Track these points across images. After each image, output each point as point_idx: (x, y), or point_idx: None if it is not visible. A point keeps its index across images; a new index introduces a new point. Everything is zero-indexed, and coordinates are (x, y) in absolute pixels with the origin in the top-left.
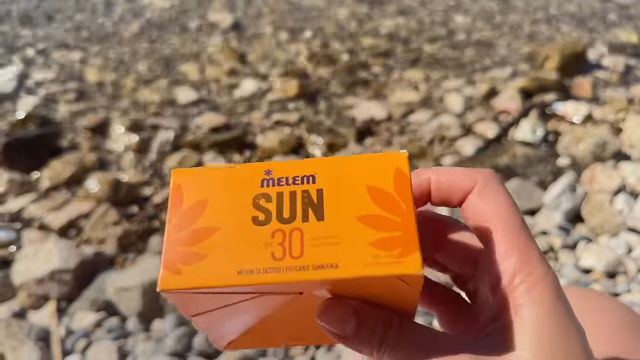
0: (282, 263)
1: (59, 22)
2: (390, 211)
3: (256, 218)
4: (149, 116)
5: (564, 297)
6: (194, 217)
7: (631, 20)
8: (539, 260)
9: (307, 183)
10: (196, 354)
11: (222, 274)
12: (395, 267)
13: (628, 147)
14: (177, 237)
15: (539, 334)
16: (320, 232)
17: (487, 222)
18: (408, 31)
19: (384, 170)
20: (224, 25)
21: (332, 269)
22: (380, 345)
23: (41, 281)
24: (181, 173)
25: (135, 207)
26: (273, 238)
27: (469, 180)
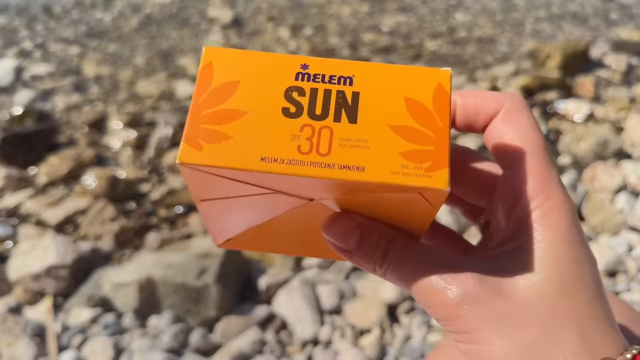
0: (307, 157)
1: (58, 16)
2: (426, 125)
3: (287, 109)
4: (147, 110)
5: (579, 225)
6: (223, 97)
7: (633, 19)
8: (557, 186)
9: (344, 84)
10: (192, 350)
11: (244, 158)
12: (422, 179)
13: (629, 146)
14: (202, 114)
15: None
16: (351, 133)
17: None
18: (409, 28)
19: (425, 83)
20: (224, 21)
21: (358, 172)
22: (383, 260)
23: (37, 277)
24: (214, 51)
25: (132, 203)
26: (301, 132)
27: (495, 103)
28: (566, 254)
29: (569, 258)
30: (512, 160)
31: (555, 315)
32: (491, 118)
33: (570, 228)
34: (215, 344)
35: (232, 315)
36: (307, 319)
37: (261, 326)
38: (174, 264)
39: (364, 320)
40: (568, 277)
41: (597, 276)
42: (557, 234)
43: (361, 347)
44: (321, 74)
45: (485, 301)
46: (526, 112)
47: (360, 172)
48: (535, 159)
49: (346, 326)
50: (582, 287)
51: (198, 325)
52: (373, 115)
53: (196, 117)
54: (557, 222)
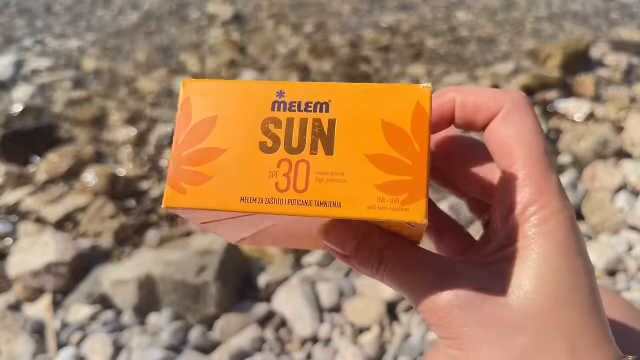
0: (285, 195)
1: (58, 13)
2: (403, 152)
3: (264, 144)
4: (147, 106)
5: (578, 233)
6: (202, 135)
7: (634, 18)
8: (555, 192)
9: (320, 111)
10: (192, 347)
11: (225, 199)
12: (398, 213)
13: (629, 145)
14: (183, 155)
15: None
16: (327, 166)
17: (508, 149)
18: (410, 26)
19: (403, 104)
20: (224, 17)
21: (334, 208)
22: (379, 265)
23: (37, 274)
24: (191, 85)
25: (132, 200)
26: (279, 168)
27: (496, 102)
28: (562, 265)
29: (565, 269)
30: (510, 163)
31: (546, 326)
32: (491, 117)
33: (568, 237)
34: (214, 342)
35: (232, 313)
36: (307, 317)
37: (260, 324)
38: (174, 262)
39: (364, 318)
40: (563, 289)
41: (593, 287)
42: (554, 243)
43: (360, 345)
44: (297, 101)
45: (475, 308)
46: (527, 112)
47: (336, 208)
48: (535, 163)
49: (345, 324)
50: (576, 298)
51: (197, 323)
52: (350, 144)
53: (178, 158)
54: (554, 230)
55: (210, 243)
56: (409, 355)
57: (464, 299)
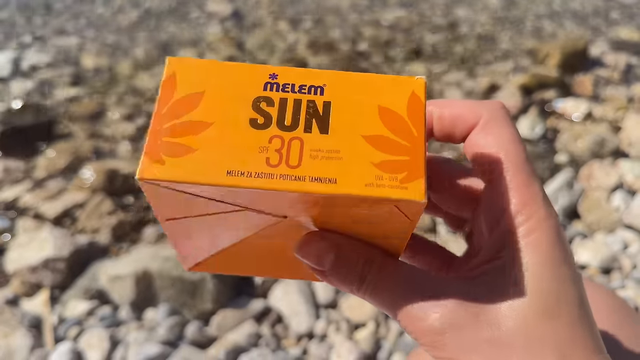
0: (276, 170)
1: (58, 11)
2: (400, 135)
3: (254, 120)
4: (146, 103)
5: (564, 242)
6: (186, 108)
7: (633, 19)
8: (540, 202)
9: (315, 94)
10: (188, 343)
11: (209, 172)
12: (398, 191)
13: (627, 145)
14: (165, 127)
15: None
16: (322, 144)
17: (488, 160)
18: (409, 23)
19: (398, 92)
20: (223, 14)
21: (330, 184)
22: (361, 284)
23: (35, 269)
24: (177, 61)
25: (130, 197)
26: (270, 143)
27: (473, 114)
28: (548, 275)
29: (551, 279)
30: (492, 174)
31: (536, 341)
32: (470, 129)
33: (554, 247)
34: (210, 337)
35: (228, 309)
36: (303, 313)
37: (257, 320)
38: (171, 257)
39: (359, 314)
40: (550, 301)
41: (581, 296)
42: (540, 254)
43: (356, 340)
44: (291, 83)
45: (467, 328)
46: (505, 122)
47: (332, 184)
48: (517, 172)
49: (341, 320)
50: (565, 310)
51: (194, 318)
52: (345, 125)
53: (158, 130)
54: (540, 241)
55: None
56: (404, 351)
57: (457, 320)
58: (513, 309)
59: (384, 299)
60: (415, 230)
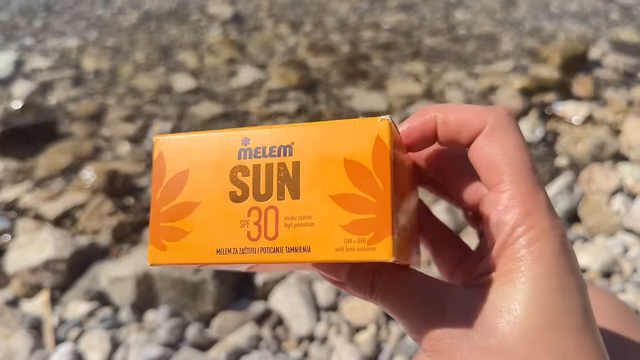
0: (257, 244)
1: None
2: (366, 190)
3: (234, 194)
4: (145, 103)
5: (569, 251)
6: (176, 190)
7: (633, 20)
8: (544, 210)
9: (284, 155)
10: (189, 345)
11: (202, 252)
12: (366, 253)
13: (627, 148)
14: (161, 212)
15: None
16: (295, 211)
17: (493, 167)
18: (409, 25)
19: (363, 138)
20: (224, 17)
21: (305, 253)
22: (372, 292)
23: (35, 270)
24: (162, 141)
25: (130, 198)
26: (249, 217)
27: (479, 120)
28: (553, 285)
29: (556, 289)
30: (496, 182)
31: (537, 351)
32: (475, 135)
33: (558, 256)
34: (211, 339)
35: (229, 311)
36: (304, 315)
37: (257, 322)
38: None
39: (360, 316)
40: (554, 311)
41: (586, 306)
42: (543, 265)
43: (357, 343)
44: (262, 146)
45: (467, 336)
46: (511, 128)
47: (307, 253)
48: (522, 181)
49: (342, 323)
50: (569, 320)
51: (195, 320)
52: (314, 187)
53: (157, 215)
54: (544, 251)
55: None
56: (405, 354)
57: (456, 327)
58: (515, 319)
59: (392, 306)
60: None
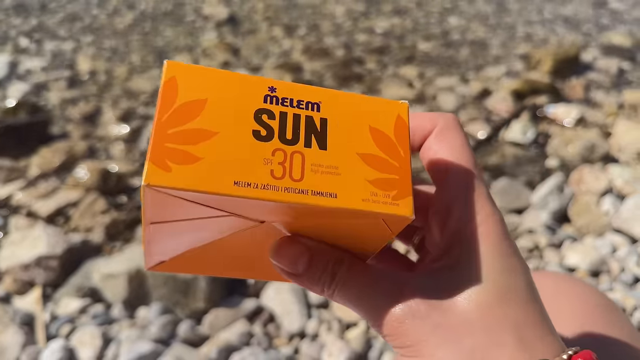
0: (281, 182)
1: (53, 12)
2: (390, 154)
3: (257, 132)
4: (140, 105)
5: (509, 236)
6: (190, 115)
7: (624, 24)
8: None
9: (312, 110)
10: (180, 341)
11: (217, 181)
12: (391, 207)
13: (616, 150)
14: (168, 133)
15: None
16: (322, 159)
17: (441, 165)
18: (403, 30)
19: (386, 114)
20: (219, 18)
21: (331, 198)
22: (331, 282)
23: (27, 267)
24: (177, 66)
25: (124, 196)
26: (273, 156)
27: (430, 123)
28: (497, 265)
29: (501, 268)
30: (444, 176)
31: (492, 324)
32: (426, 137)
33: (501, 239)
34: (203, 336)
35: (221, 308)
36: (295, 312)
37: (249, 319)
38: None
39: (351, 314)
40: (502, 287)
41: (530, 283)
42: (489, 245)
43: (347, 340)
44: (289, 97)
45: (425, 315)
46: (457, 130)
47: (333, 198)
48: (466, 174)
49: (333, 320)
50: (516, 295)
51: (186, 317)
52: (341, 143)
53: (162, 135)
54: (488, 233)
55: None
56: (394, 350)
57: (415, 309)
58: (468, 297)
59: (351, 295)
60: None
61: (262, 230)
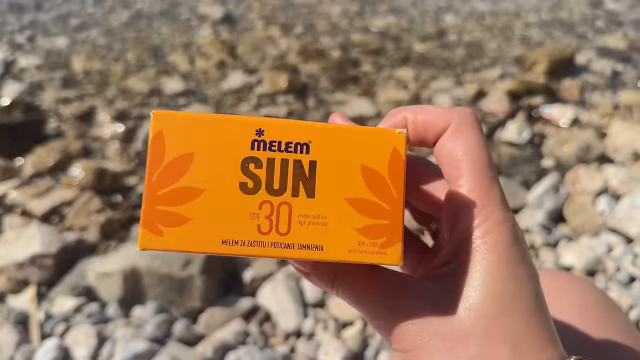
0: (267, 238)
1: (48, 10)
2: (381, 197)
3: (244, 185)
4: (135, 105)
5: (520, 242)
6: (177, 173)
7: (619, 27)
8: (498, 205)
9: (301, 152)
10: (176, 340)
11: (206, 241)
12: (377, 256)
13: (612, 151)
14: (158, 194)
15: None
16: (309, 209)
17: (455, 164)
18: (399, 30)
19: (380, 148)
20: (215, 17)
21: (317, 251)
22: (334, 282)
23: (22, 265)
24: (163, 117)
25: (119, 196)
26: (260, 210)
27: (444, 119)
28: (504, 274)
29: (507, 277)
30: (457, 177)
31: (491, 335)
32: (440, 134)
33: (510, 247)
34: (198, 335)
35: (216, 307)
36: (291, 312)
37: (245, 318)
38: (159, 255)
39: (347, 313)
40: (505, 297)
41: (537, 293)
42: (496, 254)
43: (343, 339)
44: (277, 140)
45: (427, 322)
46: (474, 128)
47: (319, 251)
48: (479, 176)
49: (329, 319)
50: (519, 305)
51: (182, 316)
52: (330, 188)
53: (152, 198)
54: (496, 241)
55: None
56: (390, 349)
57: (417, 314)
58: (470, 305)
59: (353, 296)
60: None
61: None
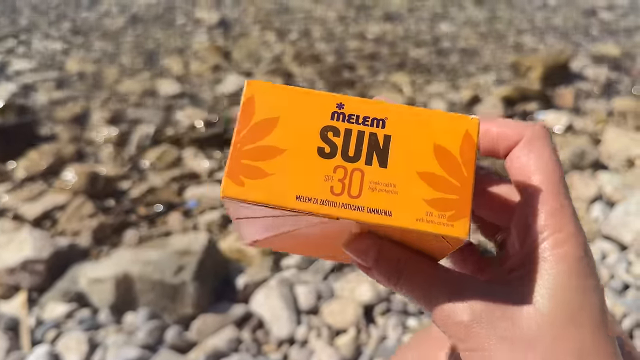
0: (339, 198)
1: (43, 13)
2: (451, 173)
3: (322, 149)
4: (129, 107)
5: (589, 256)
6: (263, 133)
7: (613, 35)
8: (570, 219)
9: (377, 126)
10: (168, 347)
11: (282, 195)
12: (444, 228)
13: (606, 157)
14: (244, 150)
15: (557, 288)
16: (380, 177)
17: (527, 176)
18: (394, 36)
19: (453, 131)
20: (210, 22)
21: (385, 216)
22: (398, 279)
23: (12, 270)
24: (255, 85)
25: (112, 200)
26: (335, 173)
27: (517, 132)
28: (572, 284)
29: (575, 288)
30: (529, 190)
31: (557, 344)
32: (512, 146)
33: (580, 259)
34: (190, 342)
35: (209, 314)
36: (284, 319)
37: (237, 325)
38: (152, 261)
39: (340, 320)
40: (573, 307)
41: (602, 306)
42: (566, 265)
43: (337, 346)
44: (356, 114)
45: (494, 325)
46: (546, 142)
47: (387, 216)
48: (551, 190)
49: (322, 326)
50: (586, 317)
51: (174, 323)
52: (402, 161)
53: (238, 152)
54: (567, 254)
55: (189, 243)
56: (383, 356)
57: (484, 315)
58: (537, 313)
59: (418, 295)
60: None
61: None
